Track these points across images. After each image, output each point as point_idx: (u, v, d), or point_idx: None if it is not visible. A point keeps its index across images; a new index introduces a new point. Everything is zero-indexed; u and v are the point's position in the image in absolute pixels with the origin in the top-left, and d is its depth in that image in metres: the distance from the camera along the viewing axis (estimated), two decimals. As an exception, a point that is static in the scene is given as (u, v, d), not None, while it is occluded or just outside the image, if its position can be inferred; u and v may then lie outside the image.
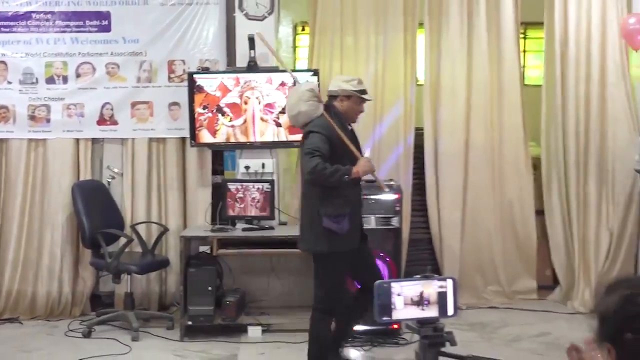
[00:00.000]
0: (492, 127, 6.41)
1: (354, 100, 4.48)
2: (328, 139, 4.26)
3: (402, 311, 2.50)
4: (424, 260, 6.33)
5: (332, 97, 4.52)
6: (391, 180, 5.81)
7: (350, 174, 4.22)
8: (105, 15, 6.10)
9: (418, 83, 6.55)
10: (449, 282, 2.54)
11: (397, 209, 5.48)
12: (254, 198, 5.79)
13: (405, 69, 6.28)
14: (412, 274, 2.69)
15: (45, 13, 6.08)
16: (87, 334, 5.56)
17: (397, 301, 2.50)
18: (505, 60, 6.39)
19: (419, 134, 6.39)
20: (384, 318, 2.48)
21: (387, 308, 2.47)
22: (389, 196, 5.46)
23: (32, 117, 6.11)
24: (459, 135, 6.36)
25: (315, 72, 5.93)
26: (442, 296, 2.53)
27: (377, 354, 5.16)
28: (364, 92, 4.51)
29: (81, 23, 6.11)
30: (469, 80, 6.36)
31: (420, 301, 2.53)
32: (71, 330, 5.70)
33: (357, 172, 4.26)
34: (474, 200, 6.42)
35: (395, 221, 5.47)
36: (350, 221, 4.28)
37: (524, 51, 7.31)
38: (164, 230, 6.02)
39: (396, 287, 2.48)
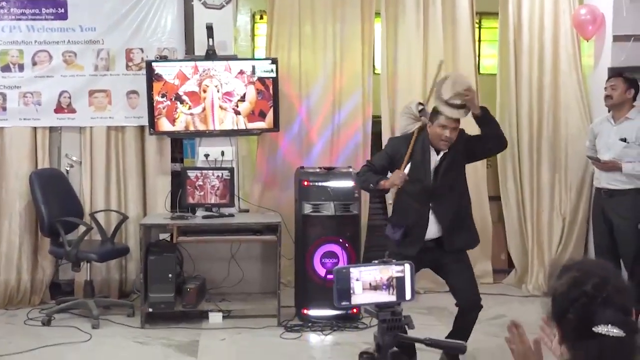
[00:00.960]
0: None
1: (435, 124, 4.22)
2: (390, 157, 4.36)
3: (361, 296, 2.51)
4: (382, 246, 6.36)
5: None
6: (349, 167, 5.85)
7: (376, 184, 4.26)
8: (62, 3, 5.99)
9: (376, 72, 6.57)
10: (407, 267, 2.56)
11: (356, 195, 5.51)
12: (213, 186, 5.77)
13: (362, 58, 6.31)
14: (370, 259, 2.71)
15: (0, 0, 5.96)
16: (47, 322, 5.50)
17: (356, 286, 2.51)
18: (461, 49, 6.46)
19: (377, 121, 6.42)
20: (343, 303, 2.49)
21: (346, 293, 2.48)
22: (347, 183, 5.49)
23: (-12, 106, 6.01)
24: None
25: (274, 61, 5.93)
26: (400, 281, 2.55)
27: (337, 339, 5.20)
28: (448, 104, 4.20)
29: (37, 11, 6.00)
30: (425, 69, 6.41)
31: (379, 286, 2.54)
32: (30, 319, 5.62)
33: (384, 184, 4.25)
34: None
35: (354, 208, 5.51)
36: (407, 235, 4.35)
37: (479, 40, 7.37)
38: (124, 218, 5.97)
39: (355, 272, 2.49)
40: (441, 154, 4.29)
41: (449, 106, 4.16)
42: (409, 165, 4.28)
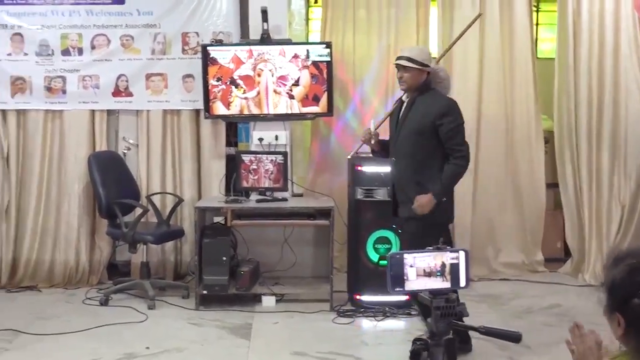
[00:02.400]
0: (504, 100, 6.39)
1: None
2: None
3: (415, 282, 2.51)
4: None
5: None
6: (403, 152, 5.81)
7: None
8: (120, -12, 6.09)
9: (431, 57, 6.50)
10: (462, 254, 2.55)
11: (410, 181, 5.47)
12: (267, 170, 5.80)
13: (417, 43, 6.25)
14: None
15: (60, -15, 6.07)
16: (105, 302, 5.63)
17: (410, 272, 2.50)
18: (518, 33, 6.35)
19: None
20: (397, 289, 2.49)
21: (400, 279, 2.48)
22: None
23: (49, 89, 6.12)
24: (471, 108, 6.32)
25: (328, 45, 5.92)
26: (454, 268, 2.54)
27: (389, 325, 5.20)
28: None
29: (96, -5, 6.11)
30: (481, 53, 6.33)
31: (433, 272, 2.53)
32: (89, 299, 5.76)
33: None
34: (485, 173, 6.42)
35: (407, 193, 5.47)
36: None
37: (537, 24, 7.24)
38: (179, 200, 6.05)
39: (409, 258, 2.49)
40: (406, 105, 4.46)
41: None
42: (373, 122, 4.71)
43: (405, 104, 4.49)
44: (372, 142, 4.68)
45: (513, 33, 6.34)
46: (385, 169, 5.38)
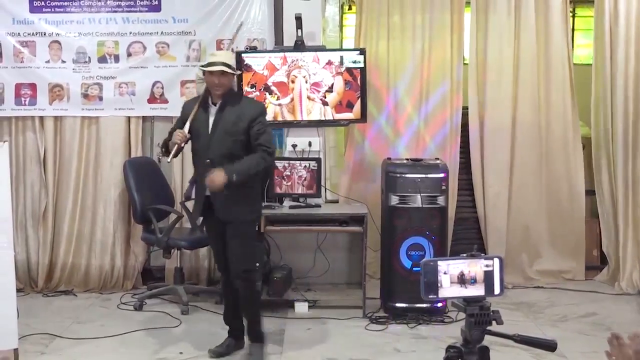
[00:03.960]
0: (539, 106, 6.34)
1: (206, 75, 4.50)
2: (183, 120, 4.59)
3: (449, 289, 2.50)
4: (470, 239, 6.32)
5: None
6: (437, 159, 5.81)
7: (163, 145, 4.69)
8: (156, -5, 6.17)
9: (465, 62, 6.49)
10: (496, 261, 2.54)
11: (443, 187, 5.46)
12: (300, 176, 5.82)
13: (451, 48, 6.24)
14: (458, 252, 2.70)
15: (98, -7, 6.17)
16: (139, 307, 5.69)
17: (444, 279, 2.50)
18: (554, 38, 6.30)
19: (466, 113, 6.35)
20: (430, 296, 2.49)
21: (434, 286, 2.47)
22: (434, 175, 5.45)
23: (85, 95, 6.21)
24: (506, 114, 6.30)
25: (362, 52, 5.93)
26: (488, 275, 2.53)
27: (422, 332, 5.19)
28: (209, 64, 4.46)
29: (132, 3, 6.17)
30: (516, 58, 6.29)
31: (467, 279, 2.52)
32: (123, 303, 5.83)
33: (167, 143, 4.61)
34: (521, 179, 6.37)
35: (441, 200, 5.45)
36: (196, 192, 4.59)
37: (573, 30, 7.17)
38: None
39: (443, 265, 2.48)
40: (217, 107, 4.47)
41: (208, 66, 4.44)
42: (188, 124, 4.49)
43: (216, 107, 4.50)
44: (183, 145, 4.60)
45: (549, 38, 6.29)
46: (419, 175, 5.39)
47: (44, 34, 6.16)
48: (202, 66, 4.54)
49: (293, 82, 5.94)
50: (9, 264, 4.50)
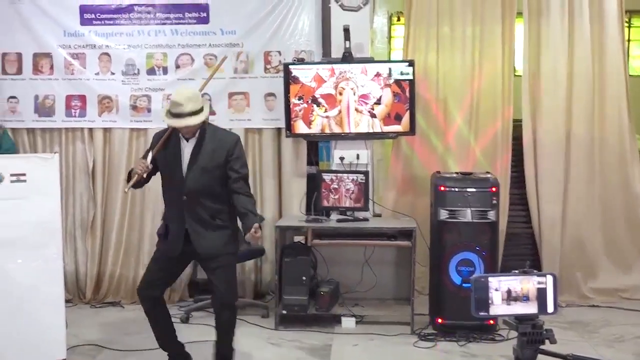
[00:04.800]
0: (594, 118, 6.23)
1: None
2: (150, 149, 4.57)
3: (500, 306, 2.46)
4: (522, 255, 6.23)
5: None
6: (488, 172, 5.74)
7: (128, 175, 4.64)
8: (204, 7, 6.22)
9: (516, 73, 6.42)
10: (549, 278, 2.49)
11: (494, 202, 5.40)
12: (348, 189, 5.82)
13: (503, 59, 6.17)
14: (509, 269, 2.65)
15: (147, 5, 6.25)
16: (186, 320, 5.73)
17: (495, 296, 2.46)
18: (609, 49, 6.20)
19: (518, 125, 6.28)
20: (481, 313, 2.45)
21: (485, 303, 2.44)
22: (485, 189, 5.39)
23: (134, 107, 6.31)
24: (560, 126, 6.21)
25: (411, 63, 5.90)
26: (541, 293, 2.49)
27: (472, 350, 5.12)
28: (171, 115, 4.33)
29: (181, 15, 6.25)
30: (570, 70, 6.20)
31: (519, 297, 2.48)
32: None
33: (132, 174, 4.51)
34: (576, 193, 6.26)
35: (491, 214, 5.39)
36: (168, 228, 4.49)
37: (628, 40, 7.04)
38: (260, 219, 6.09)
39: (494, 281, 2.45)
40: (190, 143, 4.40)
41: (169, 115, 4.34)
42: (150, 155, 4.45)
43: (187, 142, 4.41)
44: (145, 175, 4.54)
45: (603, 48, 6.19)
46: (469, 189, 5.34)
47: (94, 46, 6.29)
48: (166, 114, 4.38)
49: (341, 94, 5.94)
50: (58, 274, 4.60)
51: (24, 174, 4.51)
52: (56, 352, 4.55)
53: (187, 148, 4.41)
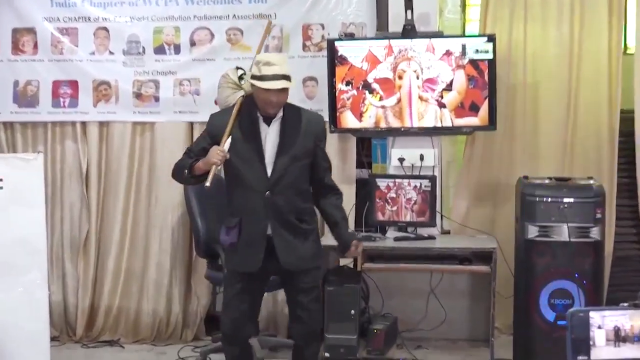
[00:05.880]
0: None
1: (255, 88, 4.41)
2: (211, 136, 4.55)
3: (604, 349, 2.50)
4: (634, 285, 6.21)
5: None
6: (590, 178, 5.74)
7: (189, 168, 4.50)
8: (226, -31, 6.32)
9: (627, 52, 6.41)
10: (667, 314, 2.52)
11: (598, 216, 5.40)
12: (409, 199, 5.87)
13: (609, 34, 6.16)
14: (617, 301, 2.67)
15: (156, -31, 6.37)
16: (202, 364, 5.82)
17: (598, 335, 2.50)
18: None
19: (628, 117, 6.26)
20: (580, 357, 2.49)
21: (584, 344, 2.48)
22: (587, 199, 5.39)
23: (138, 95, 6.43)
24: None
25: (491, 39, 5.92)
26: (657, 332, 2.51)
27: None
28: (264, 77, 4.33)
29: (197, -21, 6.38)
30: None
31: (628, 337, 2.52)
32: (182, 358, 5.97)
33: (199, 165, 4.45)
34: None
35: (594, 232, 5.39)
36: (241, 234, 4.45)
37: None
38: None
39: (596, 317, 2.48)
40: (274, 125, 4.44)
41: (258, 79, 4.33)
42: (229, 140, 4.40)
43: (268, 126, 4.46)
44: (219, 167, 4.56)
45: None
46: (565, 199, 5.34)
47: (89, 19, 6.43)
48: (254, 78, 4.37)
49: (401, 77, 6.00)
50: (42, 306, 4.71)
51: (0, 180, 4.63)
52: (39, 401, 4.67)
53: (271, 130, 4.47)
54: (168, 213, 6.41)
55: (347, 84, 6.04)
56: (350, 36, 6.14)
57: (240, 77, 4.67)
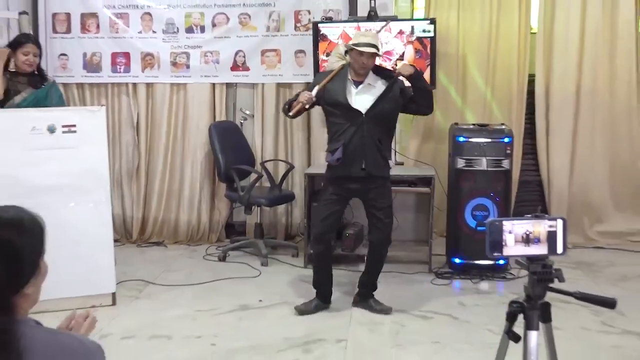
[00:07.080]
0: (604, 74, 6.13)
1: (351, 53, 4.38)
2: (313, 84, 4.54)
3: (513, 248, 2.45)
4: (533, 201, 6.22)
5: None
6: (502, 124, 5.69)
7: (289, 104, 4.50)
8: (239, -32, 6.17)
9: (532, 31, 6.31)
10: (559, 222, 2.47)
11: (508, 151, 5.36)
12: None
13: (519, 18, 6.07)
14: (521, 214, 2.65)
15: (187, -32, 6.20)
16: (223, 258, 5.81)
17: (509, 238, 2.45)
18: (620, 8, 6.05)
19: (531, 80, 6.19)
20: (495, 254, 2.45)
21: (499, 244, 2.43)
22: (500, 139, 5.35)
23: (174, 64, 6.31)
24: (571, 82, 6.13)
25: (432, 21, 5.82)
26: (551, 235, 2.47)
27: (485, 287, 5.15)
28: (359, 44, 4.31)
29: (217, -24, 6.21)
30: (583, 27, 6.08)
31: (531, 239, 2.47)
32: (208, 255, 5.96)
33: (294, 104, 4.44)
34: (584, 145, 6.21)
35: (505, 163, 5.35)
36: (344, 152, 4.37)
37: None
38: (290, 167, 6.14)
39: (508, 224, 2.44)
40: (360, 87, 4.40)
41: (359, 45, 4.31)
42: (316, 88, 4.42)
43: (360, 85, 4.42)
44: (307, 106, 4.52)
45: (615, 8, 6.05)
46: (485, 139, 5.29)
47: (137, 7, 6.27)
48: (353, 44, 4.34)
49: (366, 50, 5.87)
50: (107, 217, 4.67)
51: (74, 125, 4.57)
52: (107, 287, 4.67)
53: (355, 90, 4.42)
54: (197, 150, 6.35)
55: (327, 55, 5.91)
56: (329, 19, 6.02)
57: (346, 52, 4.56)
